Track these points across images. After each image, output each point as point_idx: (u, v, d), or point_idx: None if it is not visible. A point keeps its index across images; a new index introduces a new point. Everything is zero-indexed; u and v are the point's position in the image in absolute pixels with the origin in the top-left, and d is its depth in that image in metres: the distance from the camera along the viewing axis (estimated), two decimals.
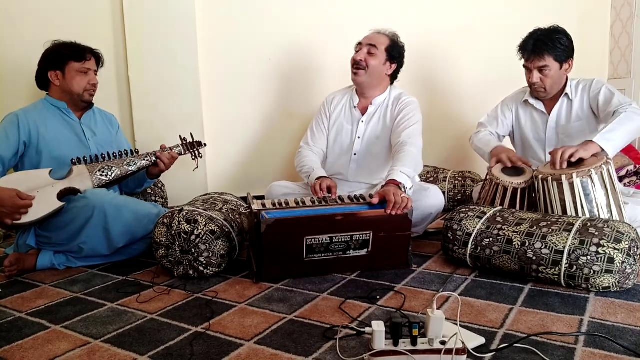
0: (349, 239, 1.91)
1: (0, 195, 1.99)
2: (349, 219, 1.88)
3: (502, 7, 3.49)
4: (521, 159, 2.31)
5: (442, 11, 3.43)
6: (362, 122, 2.46)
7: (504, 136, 2.63)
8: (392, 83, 2.50)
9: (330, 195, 2.10)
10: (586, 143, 2.06)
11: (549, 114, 2.43)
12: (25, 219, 2.05)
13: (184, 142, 2.47)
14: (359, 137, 2.47)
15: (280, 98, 3.30)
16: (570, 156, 2.02)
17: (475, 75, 3.51)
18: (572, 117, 2.38)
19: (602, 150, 2.04)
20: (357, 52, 2.41)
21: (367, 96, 2.47)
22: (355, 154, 2.48)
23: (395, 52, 2.40)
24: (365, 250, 1.95)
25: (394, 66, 2.43)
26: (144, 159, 2.34)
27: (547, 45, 2.26)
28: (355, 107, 2.49)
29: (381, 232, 1.92)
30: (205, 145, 2.55)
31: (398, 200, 1.88)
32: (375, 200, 1.91)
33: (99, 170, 2.22)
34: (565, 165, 2.04)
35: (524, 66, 2.38)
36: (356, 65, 2.38)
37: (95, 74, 2.37)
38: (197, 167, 2.47)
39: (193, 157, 2.48)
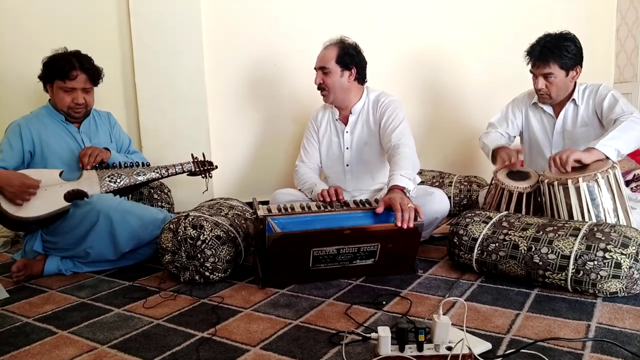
0: (356, 250, 1.89)
1: (7, 175, 2.03)
2: (357, 233, 1.85)
3: (507, 11, 3.49)
4: (516, 159, 2.31)
5: (448, 17, 3.44)
6: (347, 132, 2.46)
7: (514, 136, 2.63)
8: (363, 84, 2.46)
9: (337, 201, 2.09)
10: (588, 149, 2.05)
11: (557, 118, 2.42)
12: (30, 214, 2.06)
13: (195, 160, 2.47)
14: (347, 148, 2.47)
15: (286, 103, 3.31)
16: (567, 157, 2.01)
17: (481, 80, 3.51)
18: (578, 122, 2.37)
19: (605, 156, 2.03)
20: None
21: (344, 107, 2.47)
22: (347, 165, 2.48)
23: (347, 58, 2.35)
24: (372, 259, 1.94)
25: (353, 70, 2.37)
26: (154, 171, 2.35)
27: (553, 53, 2.24)
28: (337, 119, 2.50)
29: (389, 244, 1.90)
30: (216, 167, 2.55)
31: (405, 209, 1.83)
32: (380, 210, 1.87)
33: (109, 177, 2.24)
34: (569, 168, 2.03)
35: (530, 71, 2.37)
36: (319, 89, 2.41)
37: (87, 92, 2.29)
38: (207, 189, 2.47)
39: (203, 177, 2.48)
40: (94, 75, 2.31)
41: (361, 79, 2.44)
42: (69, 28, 2.90)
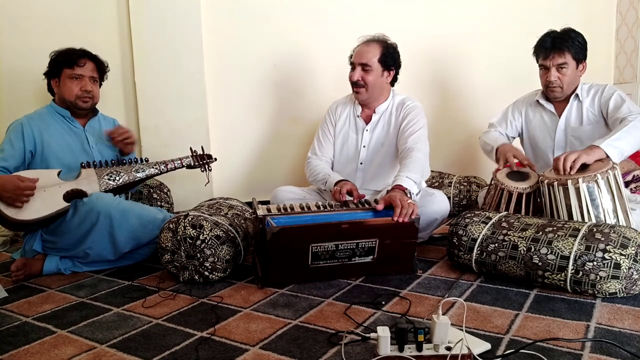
0: (354, 247, 1.90)
1: (1, 180, 2.01)
2: (355, 227, 1.87)
3: (508, 12, 3.50)
4: (527, 159, 2.31)
5: (449, 16, 3.44)
6: (367, 130, 2.46)
7: (513, 137, 2.63)
8: (392, 86, 2.48)
9: (351, 198, 2.10)
10: (591, 148, 2.05)
11: (559, 116, 2.42)
12: (30, 216, 2.05)
13: (194, 154, 2.46)
14: (364, 146, 2.46)
15: (285, 103, 3.31)
16: (574, 162, 2.01)
17: (482, 81, 3.52)
18: (583, 120, 2.37)
19: (607, 156, 2.04)
20: (352, 70, 2.38)
21: (370, 106, 2.46)
22: (361, 163, 2.48)
23: (390, 60, 2.35)
24: (371, 257, 1.94)
25: (392, 72, 2.39)
26: (153, 167, 2.34)
27: (566, 42, 2.27)
28: (358, 116, 2.49)
29: (387, 239, 1.91)
30: (215, 159, 2.54)
31: (405, 205, 1.86)
32: (380, 207, 1.89)
33: (107, 175, 2.23)
34: (574, 171, 2.03)
35: (541, 65, 2.37)
36: (355, 85, 2.37)
37: (94, 81, 2.32)
38: (208, 181, 2.46)
39: (202, 170, 2.47)
40: (101, 66, 2.37)
41: (394, 81, 2.45)
42: (69, 28, 2.90)
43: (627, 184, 2.78)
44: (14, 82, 2.89)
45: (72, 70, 2.26)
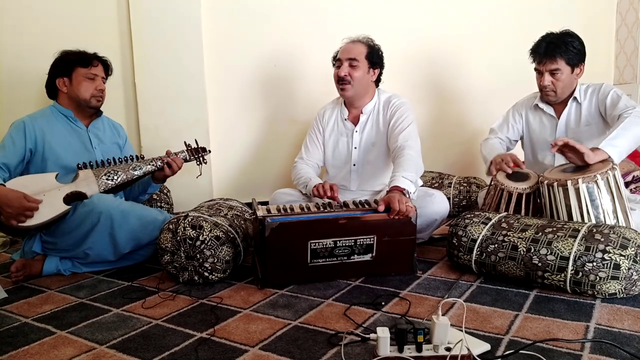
0: (352, 244, 1.91)
1: (8, 196, 1.99)
2: (352, 222, 1.89)
3: (507, 13, 3.50)
4: (516, 160, 2.31)
5: (449, 17, 3.44)
6: (356, 132, 2.47)
7: (516, 140, 2.63)
8: (377, 86, 2.50)
9: (334, 200, 2.11)
10: (594, 150, 2.06)
11: (558, 118, 2.42)
12: (31, 222, 2.05)
13: (189, 148, 2.47)
14: (355, 148, 2.47)
15: (285, 104, 3.31)
16: (569, 146, 2.03)
17: (481, 81, 3.52)
18: (581, 121, 2.37)
19: (609, 156, 2.04)
20: (338, 67, 2.39)
21: (356, 106, 2.47)
22: (354, 165, 2.49)
23: (375, 57, 2.39)
24: (370, 255, 1.95)
25: (377, 71, 2.42)
26: (150, 164, 2.34)
27: (559, 48, 2.26)
28: (346, 119, 2.50)
29: (385, 236, 1.93)
30: (209, 151, 2.55)
31: (402, 208, 1.88)
32: (381, 208, 1.91)
33: (105, 175, 2.23)
34: (561, 142, 2.05)
35: (536, 69, 2.38)
36: (341, 81, 2.37)
37: (103, 81, 2.37)
38: (201, 174, 2.47)
39: (198, 163, 2.48)
40: (108, 67, 2.41)
41: (378, 81, 2.47)
42: (69, 28, 2.89)
43: (627, 185, 2.78)
44: (14, 82, 2.89)
45: (87, 70, 2.29)
